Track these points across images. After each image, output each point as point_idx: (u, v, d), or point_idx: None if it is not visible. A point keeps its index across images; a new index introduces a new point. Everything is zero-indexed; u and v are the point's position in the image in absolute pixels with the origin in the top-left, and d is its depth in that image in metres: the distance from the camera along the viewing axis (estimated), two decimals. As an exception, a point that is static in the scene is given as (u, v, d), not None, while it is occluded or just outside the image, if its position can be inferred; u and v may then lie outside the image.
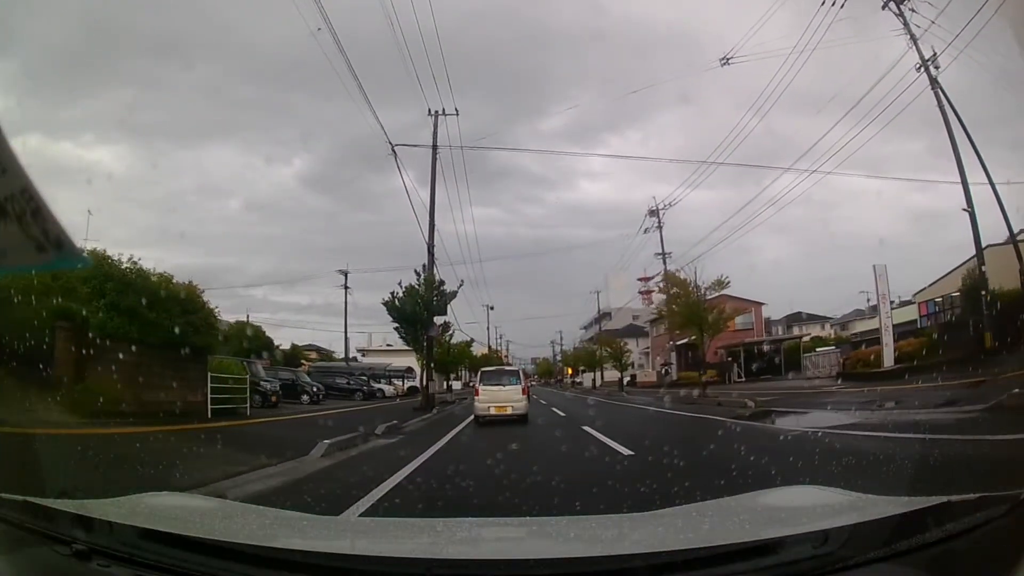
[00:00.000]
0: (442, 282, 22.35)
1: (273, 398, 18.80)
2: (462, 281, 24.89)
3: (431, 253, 22.04)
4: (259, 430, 12.08)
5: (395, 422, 12.65)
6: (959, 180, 16.69)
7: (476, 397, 15.17)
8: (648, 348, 55.88)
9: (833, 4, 18.04)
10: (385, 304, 21.53)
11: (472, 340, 36.49)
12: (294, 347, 40.75)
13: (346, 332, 42.56)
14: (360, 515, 4.28)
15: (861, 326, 39.45)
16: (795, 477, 4.45)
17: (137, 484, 4.15)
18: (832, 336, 42.19)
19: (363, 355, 49.37)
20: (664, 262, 34.47)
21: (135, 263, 12.23)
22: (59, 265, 1.44)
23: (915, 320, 26.84)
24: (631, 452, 7.53)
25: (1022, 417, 7.80)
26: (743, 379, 33.52)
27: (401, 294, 21.44)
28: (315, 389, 24.19)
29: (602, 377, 51.46)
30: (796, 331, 45.50)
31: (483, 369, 17.62)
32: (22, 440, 6.41)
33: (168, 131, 72.83)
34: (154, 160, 65.40)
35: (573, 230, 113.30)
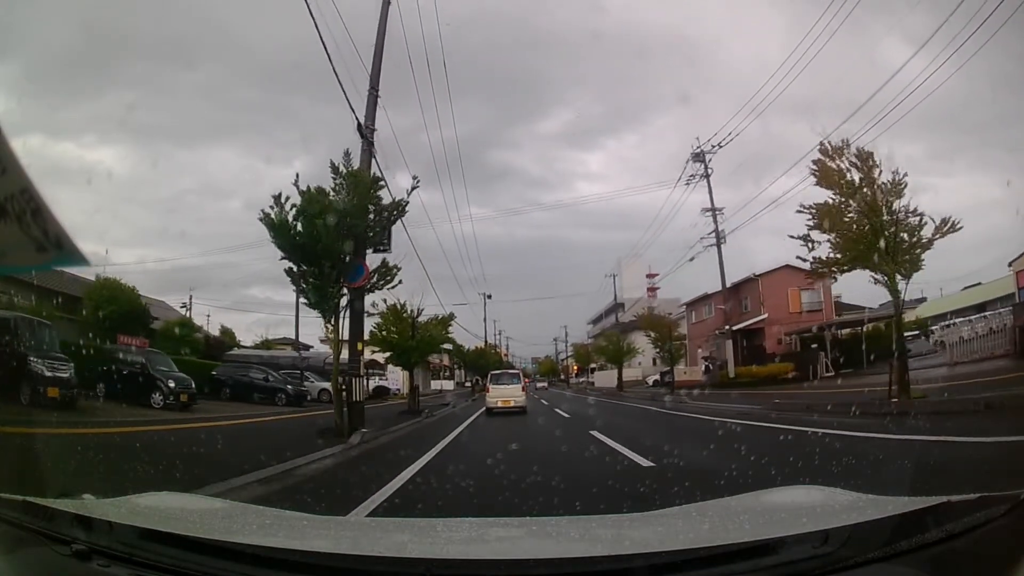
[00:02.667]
0: (378, 180, 12.34)
1: (51, 391, 10.89)
2: (416, 179, 13.18)
3: (365, 136, 12.71)
4: None
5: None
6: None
7: (487, 394, 19.93)
8: (677, 339, 45.25)
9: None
10: (264, 220, 10.97)
11: (452, 316, 23.49)
12: (224, 331, 31.40)
13: (297, 309, 28.87)
14: (365, 516, 4.27)
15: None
16: None
17: None
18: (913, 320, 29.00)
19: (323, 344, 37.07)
20: (714, 219, 28.30)
21: None
22: (59, 265, 1.44)
23: (1012, 294, 23.19)
24: None
25: None
26: (832, 373, 24.24)
27: (297, 203, 10.94)
28: (170, 385, 15.45)
29: (620, 376, 42.34)
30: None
31: (492, 372, 22.61)
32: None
33: (168, 132, 72.88)
34: (154, 161, 65.49)
35: (572, 230, 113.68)
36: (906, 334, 23.34)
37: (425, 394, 37.74)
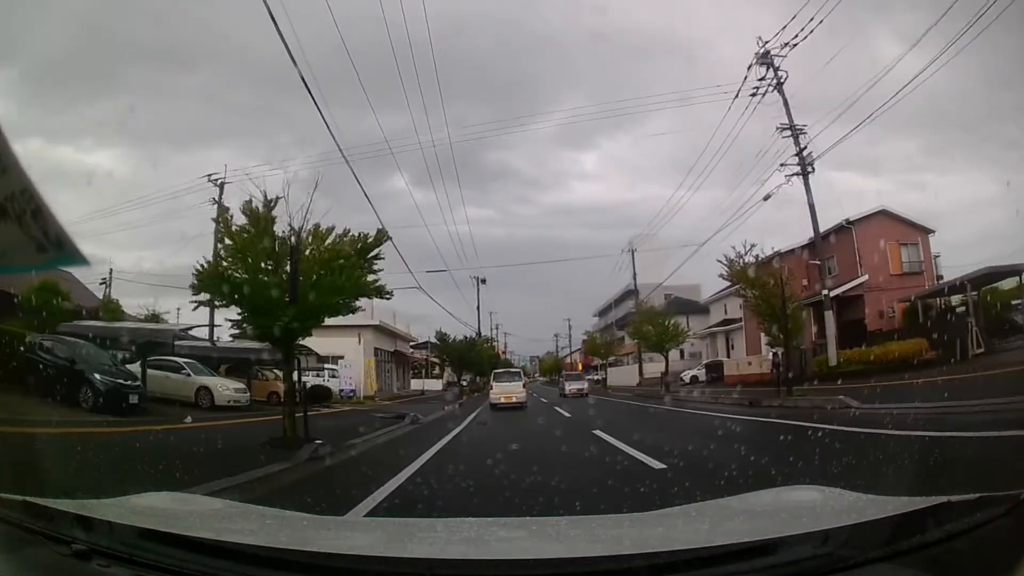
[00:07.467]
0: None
1: None
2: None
3: None
4: None
5: None
6: None
7: (491, 391, 21.77)
8: (717, 325, 35.94)
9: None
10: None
11: (385, 235, 9.97)
12: (108, 302, 23.80)
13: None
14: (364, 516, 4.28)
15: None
16: None
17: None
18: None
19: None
20: (796, 140, 20.86)
21: None
22: (59, 265, 1.44)
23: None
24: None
25: None
26: (982, 349, 17.59)
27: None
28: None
29: (641, 372, 35.11)
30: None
31: (495, 371, 24.72)
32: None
33: (167, 135, 72.83)
34: (152, 163, 65.40)
35: (568, 231, 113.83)
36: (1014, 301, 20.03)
37: (399, 396, 31.91)
